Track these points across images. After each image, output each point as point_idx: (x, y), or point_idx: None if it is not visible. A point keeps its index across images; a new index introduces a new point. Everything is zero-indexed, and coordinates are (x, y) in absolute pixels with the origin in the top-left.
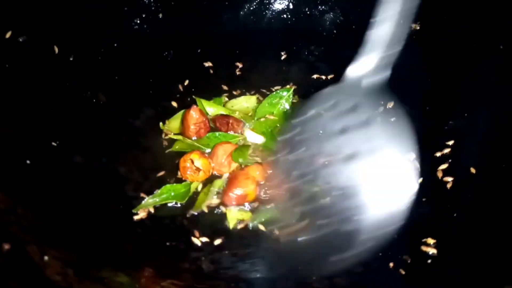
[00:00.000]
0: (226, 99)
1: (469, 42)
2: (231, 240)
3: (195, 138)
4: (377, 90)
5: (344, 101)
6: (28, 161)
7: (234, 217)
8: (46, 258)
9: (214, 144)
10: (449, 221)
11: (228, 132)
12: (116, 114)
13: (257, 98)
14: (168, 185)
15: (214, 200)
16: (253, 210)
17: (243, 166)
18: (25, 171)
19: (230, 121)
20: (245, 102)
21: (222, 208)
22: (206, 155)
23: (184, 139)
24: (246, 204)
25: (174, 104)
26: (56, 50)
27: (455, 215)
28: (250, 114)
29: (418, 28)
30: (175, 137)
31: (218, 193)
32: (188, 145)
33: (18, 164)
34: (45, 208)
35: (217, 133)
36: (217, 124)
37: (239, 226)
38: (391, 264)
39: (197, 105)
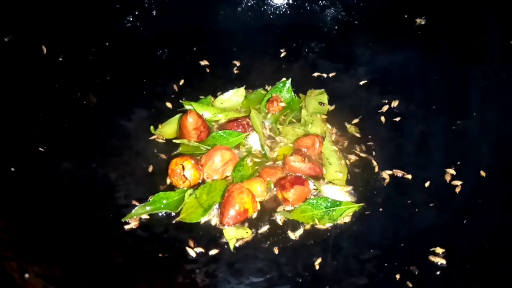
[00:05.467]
0: (212, 99)
1: (478, 37)
2: (227, 250)
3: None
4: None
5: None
6: (12, 169)
7: (233, 236)
8: (27, 276)
9: (220, 143)
10: (458, 229)
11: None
12: (107, 116)
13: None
14: (161, 193)
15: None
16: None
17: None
18: (8, 179)
19: (245, 122)
20: (234, 96)
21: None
22: (200, 165)
23: (189, 141)
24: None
25: (169, 105)
26: (45, 50)
27: (464, 222)
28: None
29: (424, 23)
30: (178, 141)
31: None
32: (194, 147)
33: (1, 172)
34: (28, 220)
35: (221, 132)
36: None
37: (239, 244)
38: (398, 276)
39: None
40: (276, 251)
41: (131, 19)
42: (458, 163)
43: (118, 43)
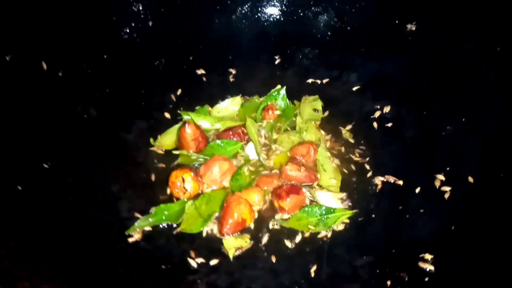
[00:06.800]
0: (209, 108)
1: (466, 44)
2: (227, 260)
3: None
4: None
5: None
6: (19, 187)
7: (232, 245)
8: None
9: (218, 152)
10: (446, 235)
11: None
12: (108, 128)
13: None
14: (162, 205)
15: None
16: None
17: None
18: (16, 198)
19: (240, 130)
20: (231, 105)
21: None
22: (199, 176)
23: (188, 152)
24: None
25: (167, 115)
26: (45, 66)
27: (452, 228)
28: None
29: (414, 29)
30: (177, 152)
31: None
32: (193, 158)
33: (9, 191)
34: (37, 238)
35: (218, 141)
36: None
37: (238, 253)
38: (389, 283)
39: (184, 120)
40: (273, 259)
41: (127, 30)
42: (448, 169)
43: (115, 55)
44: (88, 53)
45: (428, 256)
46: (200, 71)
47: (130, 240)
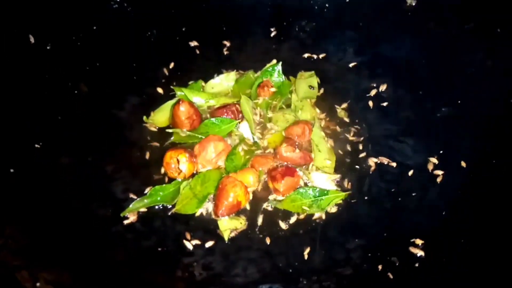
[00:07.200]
0: (203, 83)
1: (466, 22)
2: (222, 242)
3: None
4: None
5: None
6: (11, 170)
7: (227, 227)
8: (38, 284)
9: (212, 130)
10: (437, 220)
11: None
12: (99, 106)
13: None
14: (157, 186)
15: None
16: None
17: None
18: (9, 182)
19: (234, 108)
20: (225, 81)
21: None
22: (193, 157)
23: (181, 131)
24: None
25: (160, 90)
26: (32, 39)
27: (443, 213)
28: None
29: (414, 4)
30: (171, 130)
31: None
32: (187, 136)
33: (1, 175)
34: (33, 224)
35: (213, 119)
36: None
37: (233, 234)
38: (380, 267)
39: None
40: (268, 241)
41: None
42: (441, 152)
43: (105, 26)
44: (77, 24)
45: (419, 241)
46: (193, 43)
47: (126, 222)
